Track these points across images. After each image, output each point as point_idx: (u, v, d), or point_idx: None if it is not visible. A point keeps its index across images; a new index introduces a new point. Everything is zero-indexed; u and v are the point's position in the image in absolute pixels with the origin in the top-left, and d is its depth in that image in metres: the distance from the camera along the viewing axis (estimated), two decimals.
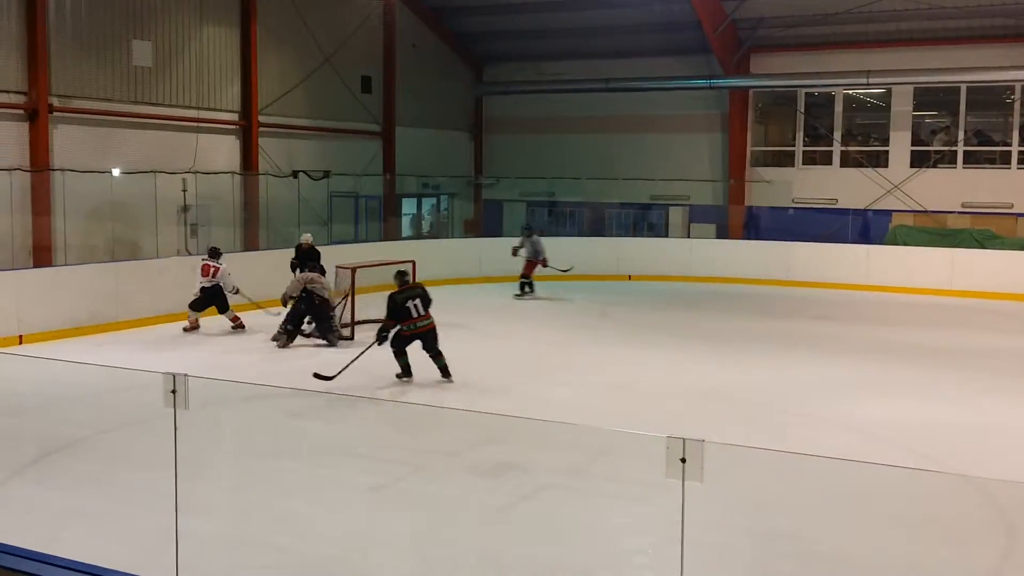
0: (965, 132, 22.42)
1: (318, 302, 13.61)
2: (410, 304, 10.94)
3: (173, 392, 5.10)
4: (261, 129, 20.50)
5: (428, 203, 26.94)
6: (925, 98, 23.02)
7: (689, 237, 23.97)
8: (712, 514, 6.07)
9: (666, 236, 24.26)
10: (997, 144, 22.57)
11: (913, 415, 9.98)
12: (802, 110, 24.10)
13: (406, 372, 11.10)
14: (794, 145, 24.28)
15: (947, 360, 13.09)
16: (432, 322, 11.07)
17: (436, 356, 11.04)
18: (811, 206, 23.38)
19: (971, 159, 22.44)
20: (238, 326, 14.43)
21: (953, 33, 21.58)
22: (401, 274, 11.51)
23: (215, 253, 14.44)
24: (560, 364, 12.72)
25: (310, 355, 12.89)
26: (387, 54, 24.03)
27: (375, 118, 23.95)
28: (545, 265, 18.56)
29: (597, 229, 24.96)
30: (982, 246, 20.26)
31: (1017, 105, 21.87)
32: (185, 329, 14.34)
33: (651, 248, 22.49)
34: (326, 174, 21.70)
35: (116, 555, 5.73)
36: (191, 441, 5.52)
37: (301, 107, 21.71)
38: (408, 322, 10.93)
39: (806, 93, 23.97)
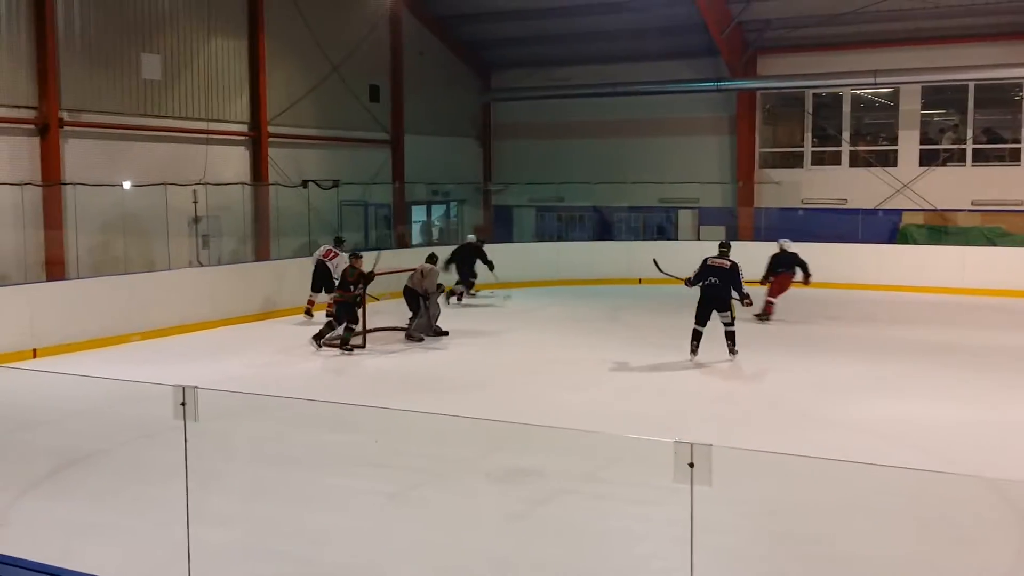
0: (974, 130, 22.39)
1: (409, 293, 14.59)
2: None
3: (183, 404, 5.16)
4: (270, 139, 20.56)
5: (438, 210, 26.98)
6: (933, 97, 22.99)
7: (699, 240, 23.95)
8: (723, 517, 6.17)
9: (676, 239, 24.26)
10: (1006, 141, 22.51)
11: (926, 415, 9.96)
12: (810, 111, 24.09)
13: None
14: (803, 146, 24.26)
15: (959, 359, 13.07)
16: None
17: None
18: (821, 206, 23.36)
19: (980, 157, 22.39)
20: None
21: (959, 31, 21.56)
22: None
23: (339, 241, 16.58)
24: (571, 369, 12.73)
25: (335, 362, 12.90)
26: (394, 63, 24.13)
27: (383, 126, 24.02)
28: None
29: (606, 233, 24.95)
30: (993, 244, 20.22)
31: None
32: (307, 313, 16.19)
33: (661, 251, 22.32)
34: (335, 183, 21.75)
35: (129, 568, 5.80)
36: (203, 453, 5.54)
37: (310, 117, 21.79)
38: None
39: (814, 94, 23.97)
